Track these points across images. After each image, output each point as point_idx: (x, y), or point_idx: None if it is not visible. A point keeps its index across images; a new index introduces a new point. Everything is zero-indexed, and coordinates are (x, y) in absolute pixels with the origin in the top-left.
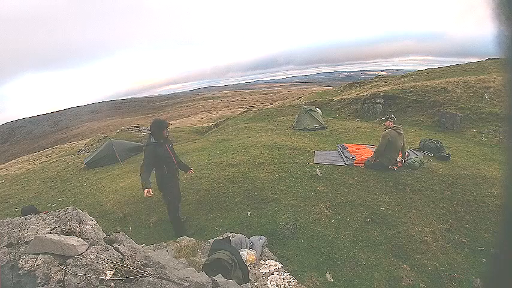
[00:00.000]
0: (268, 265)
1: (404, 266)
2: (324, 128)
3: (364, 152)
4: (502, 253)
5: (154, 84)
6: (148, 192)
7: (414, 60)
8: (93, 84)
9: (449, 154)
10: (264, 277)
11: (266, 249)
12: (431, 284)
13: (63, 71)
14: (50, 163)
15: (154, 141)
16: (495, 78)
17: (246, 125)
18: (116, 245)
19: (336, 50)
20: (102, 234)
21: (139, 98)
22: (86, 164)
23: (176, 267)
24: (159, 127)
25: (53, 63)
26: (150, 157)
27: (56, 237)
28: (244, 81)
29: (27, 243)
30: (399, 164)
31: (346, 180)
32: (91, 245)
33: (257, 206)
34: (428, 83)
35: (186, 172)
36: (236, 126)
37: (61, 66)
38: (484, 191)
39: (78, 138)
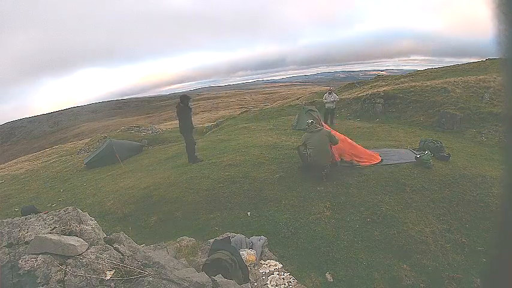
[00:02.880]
0: (268, 265)
1: (404, 266)
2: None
3: (366, 154)
4: (502, 253)
5: (155, 84)
6: None
7: (414, 60)
8: (95, 84)
9: (449, 154)
10: (264, 277)
11: (266, 249)
12: (431, 284)
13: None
14: (50, 163)
15: None
16: (495, 78)
17: (246, 125)
18: (116, 245)
19: (336, 50)
20: (102, 234)
21: (139, 98)
22: (86, 164)
23: (176, 267)
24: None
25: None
26: None
27: (56, 237)
28: (244, 81)
29: (27, 243)
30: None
31: (346, 180)
32: (91, 245)
33: (257, 206)
34: (428, 83)
35: None
36: (236, 126)
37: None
38: (484, 191)
39: (78, 138)
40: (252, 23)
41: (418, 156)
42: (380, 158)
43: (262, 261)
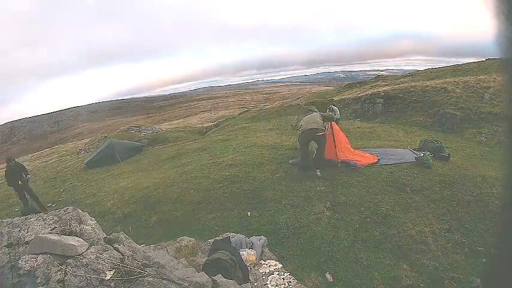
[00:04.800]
0: (268, 265)
1: (404, 266)
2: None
3: (365, 155)
4: (502, 253)
5: (155, 84)
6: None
7: (414, 60)
8: (95, 85)
9: (449, 154)
10: (264, 277)
11: (266, 249)
12: (431, 284)
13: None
14: (50, 163)
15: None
16: (495, 78)
17: (246, 125)
18: (116, 245)
19: (337, 50)
20: (102, 234)
21: (139, 98)
22: (86, 164)
23: (176, 267)
24: (7, 160)
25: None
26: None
27: (56, 237)
28: (244, 81)
29: (27, 243)
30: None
31: (346, 180)
32: (91, 245)
33: (257, 206)
34: (428, 83)
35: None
36: (236, 126)
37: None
38: (484, 191)
39: (78, 138)
40: (260, 25)
41: (418, 156)
42: (377, 158)
43: (262, 261)
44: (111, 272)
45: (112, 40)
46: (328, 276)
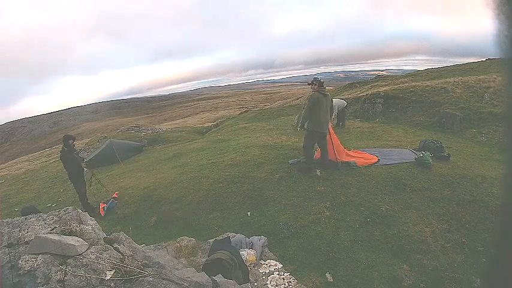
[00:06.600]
0: (268, 265)
1: (404, 266)
2: None
3: (364, 155)
4: (502, 253)
5: (155, 84)
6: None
7: (414, 60)
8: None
9: (449, 154)
10: (264, 277)
11: (266, 249)
12: (431, 284)
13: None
14: (50, 163)
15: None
16: (495, 78)
17: (246, 125)
18: (116, 245)
19: (337, 51)
20: (102, 234)
21: (139, 98)
22: (85, 163)
23: (176, 267)
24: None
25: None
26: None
27: (56, 237)
28: (244, 81)
29: (27, 243)
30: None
31: (346, 180)
32: (91, 245)
33: (257, 206)
34: (428, 83)
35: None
36: (236, 126)
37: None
38: (484, 191)
39: (78, 138)
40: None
41: (418, 156)
42: (377, 158)
43: (262, 261)
44: (111, 272)
45: (112, 41)
46: (328, 276)
